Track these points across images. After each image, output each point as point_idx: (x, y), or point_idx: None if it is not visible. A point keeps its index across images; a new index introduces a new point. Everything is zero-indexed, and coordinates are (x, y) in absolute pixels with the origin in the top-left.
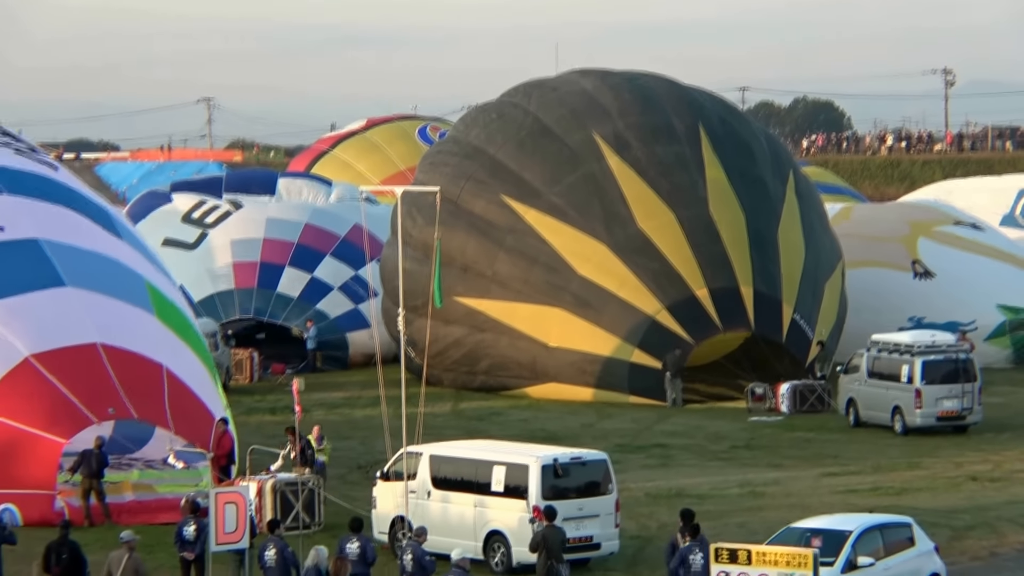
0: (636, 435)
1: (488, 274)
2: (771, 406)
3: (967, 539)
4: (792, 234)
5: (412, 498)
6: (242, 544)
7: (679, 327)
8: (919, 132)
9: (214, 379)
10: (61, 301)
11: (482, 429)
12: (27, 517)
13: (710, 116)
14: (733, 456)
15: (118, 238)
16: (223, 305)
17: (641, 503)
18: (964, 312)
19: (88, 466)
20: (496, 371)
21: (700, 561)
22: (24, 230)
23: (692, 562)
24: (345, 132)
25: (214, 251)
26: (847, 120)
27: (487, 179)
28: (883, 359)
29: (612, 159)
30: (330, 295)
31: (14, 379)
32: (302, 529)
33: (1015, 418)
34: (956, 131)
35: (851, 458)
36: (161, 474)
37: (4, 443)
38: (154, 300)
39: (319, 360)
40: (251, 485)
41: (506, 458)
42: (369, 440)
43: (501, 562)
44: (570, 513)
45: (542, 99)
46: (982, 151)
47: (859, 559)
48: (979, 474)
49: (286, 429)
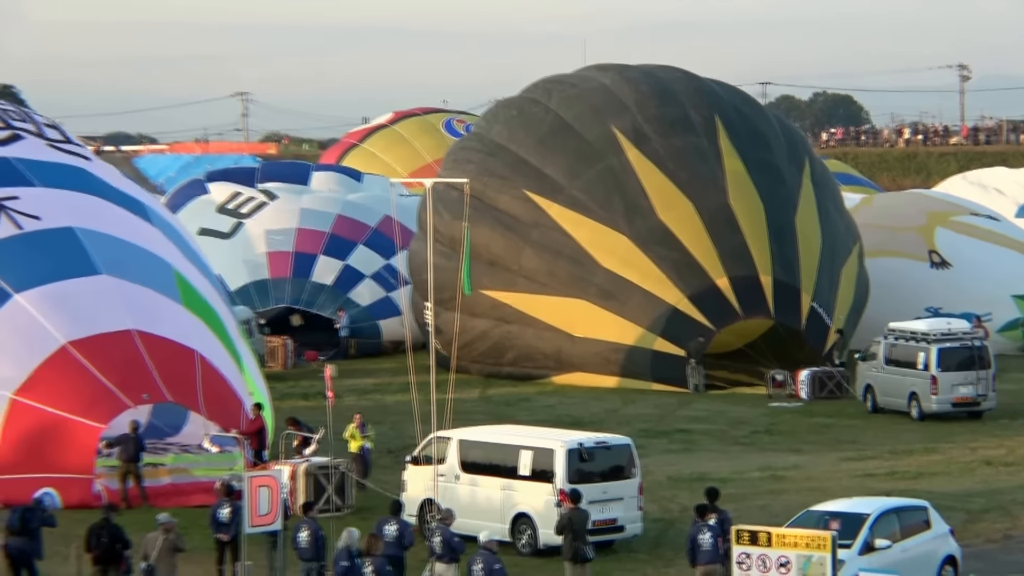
0: (659, 420)
1: (514, 268)
2: (791, 392)
3: (981, 522)
4: (809, 222)
5: (441, 481)
6: (275, 526)
7: (701, 315)
8: (935, 126)
9: (239, 367)
10: (96, 289)
11: (509, 414)
12: (66, 500)
13: (726, 107)
14: (754, 441)
15: (150, 225)
16: (258, 293)
17: (664, 487)
18: (980, 302)
19: (125, 450)
20: (522, 362)
21: (709, 540)
22: (59, 219)
23: (701, 541)
24: (373, 126)
25: (249, 240)
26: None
27: (510, 175)
28: (900, 347)
29: (631, 152)
30: (362, 283)
31: (51, 366)
32: (334, 512)
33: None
34: (971, 124)
35: (869, 443)
36: (197, 458)
37: (43, 429)
38: (181, 288)
39: (351, 347)
40: (284, 469)
41: (533, 443)
42: (400, 425)
43: (528, 544)
44: (595, 496)
45: (562, 95)
46: (997, 144)
47: (876, 541)
48: (993, 459)
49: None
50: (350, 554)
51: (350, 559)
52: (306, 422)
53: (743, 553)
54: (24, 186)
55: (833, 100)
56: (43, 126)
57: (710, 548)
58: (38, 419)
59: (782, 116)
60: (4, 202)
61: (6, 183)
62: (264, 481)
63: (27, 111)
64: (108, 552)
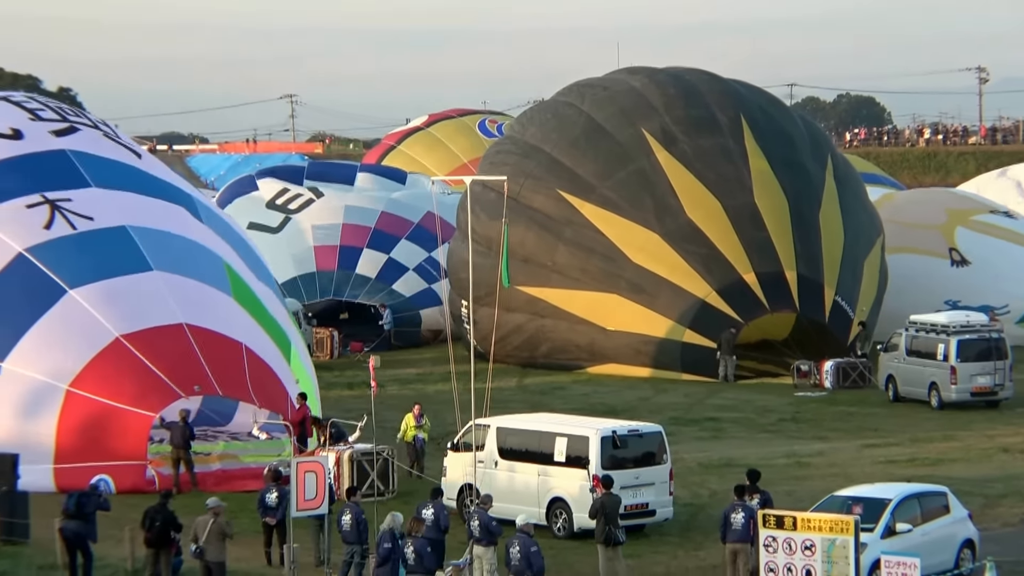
0: (689, 409)
1: (548, 264)
2: (816, 382)
3: (999, 507)
4: (832, 218)
5: (480, 467)
6: (321, 510)
7: (729, 308)
8: (954, 126)
9: (286, 356)
10: (148, 284)
11: (545, 403)
12: (120, 486)
13: (751, 107)
14: (780, 429)
15: (199, 221)
16: (305, 286)
17: (694, 472)
18: (997, 298)
19: (176, 437)
20: (556, 354)
21: (741, 520)
22: (112, 218)
23: (733, 520)
24: (409, 128)
25: (296, 235)
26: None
27: (544, 175)
28: (921, 338)
29: (660, 153)
30: (405, 275)
31: (105, 358)
32: (377, 496)
33: None
34: (989, 125)
35: (890, 431)
36: (246, 445)
37: (97, 418)
38: (232, 281)
39: (393, 338)
40: (330, 455)
41: (568, 430)
42: (440, 413)
43: (563, 527)
44: (627, 482)
45: (594, 98)
46: (1014, 144)
47: (898, 525)
48: (1010, 446)
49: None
50: (393, 536)
51: (392, 541)
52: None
53: (770, 536)
54: (79, 187)
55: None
56: (98, 123)
57: (741, 527)
58: (92, 409)
59: (806, 115)
60: (59, 204)
61: (62, 184)
62: (311, 467)
63: (82, 112)
64: (161, 536)
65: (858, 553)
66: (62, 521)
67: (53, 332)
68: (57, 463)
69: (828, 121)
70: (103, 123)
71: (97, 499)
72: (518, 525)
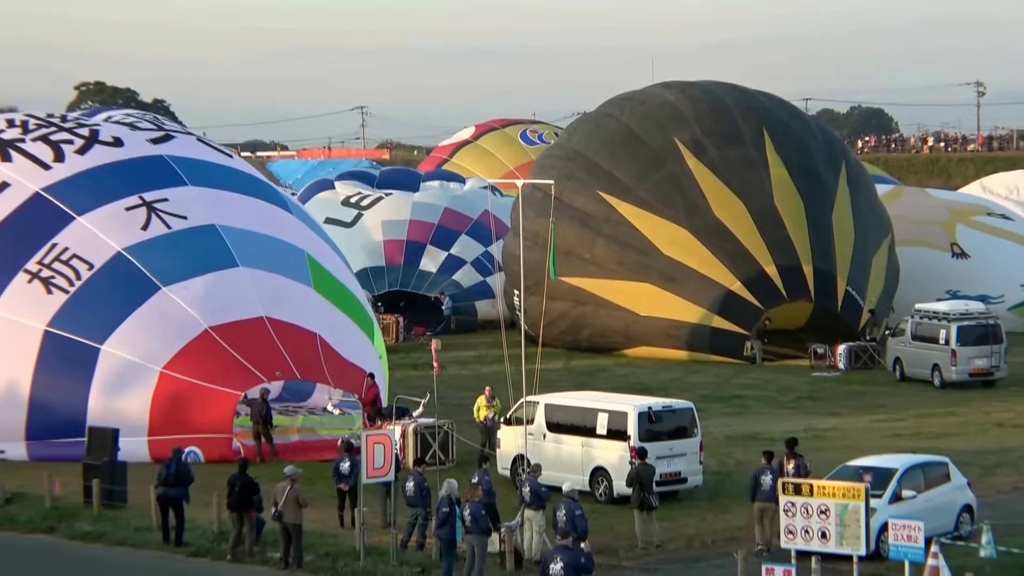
0: (717, 387)
1: (587, 257)
2: (830, 364)
3: (994, 476)
4: (844, 219)
5: (530, 440)
6: (388, 478)
7: (752, 298)
8: (955, 135)
9: (370, 336)
10: (234, 280)
11: (589, 382)
12: (208, 457)
13: (773, 120)
14: (799, 406)
15: (287, 212)
16: (374, 277)
17: (721, 444)
18: (993, 288)
19: (257, 413)
20: (596, 338)
21: (769, 482)
22: (203, 217)
23: (762, 482)
24: (458, 141)
25: (367, 230)
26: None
27: (586, 178)
28: (924, 325)
29: (691, 160)
30: (463, 269)
31: (196, 346)
32: (438, 465)
33: None
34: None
35: (897, 407)
36: (322, 419)
37: (188, 397)
38: (313, 273)
39: (453, 324)
40: (396, 429)
41: (609, 406)
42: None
43: (604, 493)
44: (661, 453)
45: (632, 110)
46: (1009, 151)
47: (904, 492)
48: (1004, 421)
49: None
50: (451, 501)
51: (450, 505)
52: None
53: (789, 502)
54: (176, 186)
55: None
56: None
57: (769, 488)
58: (183, 388)
59: (824, 124)
60: (155, 205)
61: (158, 184)
62: (379, 439)
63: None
64: (241, 500)
65: (868, 517)
66: (159, 487)
67: (148, 321)
68: (151, 436)
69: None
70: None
71: (186, 467)
72: (564, 491)
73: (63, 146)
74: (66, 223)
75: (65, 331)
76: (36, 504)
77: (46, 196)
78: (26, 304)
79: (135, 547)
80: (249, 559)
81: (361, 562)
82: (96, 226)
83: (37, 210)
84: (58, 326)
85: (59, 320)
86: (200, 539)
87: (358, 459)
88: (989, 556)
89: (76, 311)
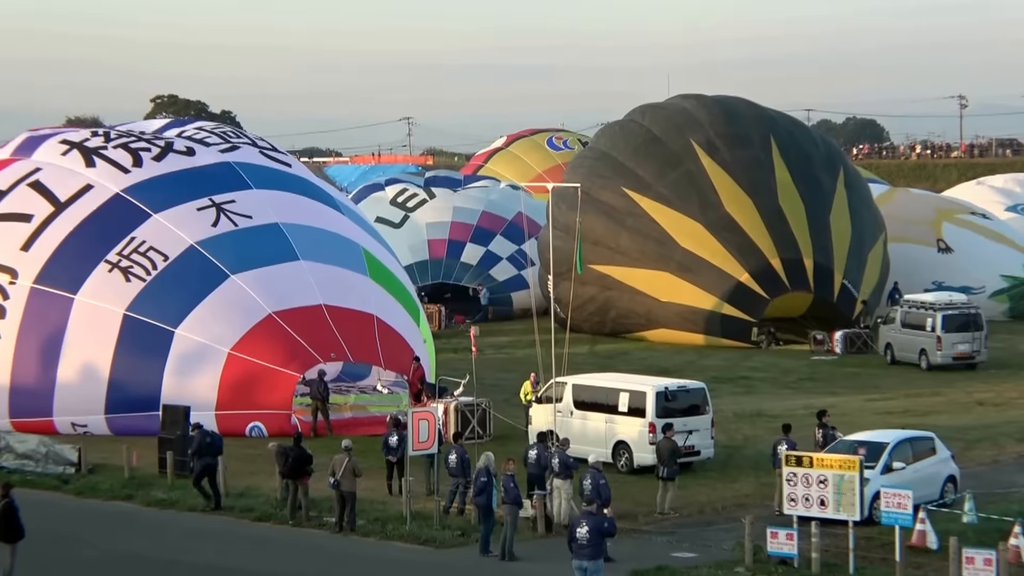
0: (726, 369)
1: (613, 247)
2: (828, 348)
3: (975, 449)
4: (841, 219)
5: (559, 416)
6: (432, 450)
7: (759, 288)
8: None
9: (417, 321)
10: (295, 272)
11: (611, 365)
12: (270, 431)
13: (779, 129)
14: (799, 386)
15: (340, 214)
16: (419, 271)
17: (730, 421)
18: (974, 279)
19: (314, 392)
20: (620, 320)
21: (784, 451)
22: (267, 216)
23: (779, 452)
24: (492, 149)
25: (414, 229)
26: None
27: (612, 176)
28: (913, 313)
29: (705, 160)
30: (499, 263)
31: (260, 329)
32: (477, 439)
33: (1012, 359)
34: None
35: (888, 388)
36: (372, 397)
37: (253, 376)
38: (368, 263)
39: (490, 313)
40: (439, 406)
41: (629, 386)
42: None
43: (625, 464)
44: (677, 428)
45: (653, 116)
46: (988, 157)
47: (894, 464)
48: (985, 400)
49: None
50: (488, 472)
51: (487, 475)
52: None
53: (791, 472)
54: (241, 189)
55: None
56: (255, 140)
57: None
58: (248, 368)
59: (823, 133)
60: (224, 206)
61: (227, 187)
62: (424, 415)
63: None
64: (294, 469)
65: (862, 487)
66: (195, 458)
67: (217, 307)
68: (219, 411)
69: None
70: (259, 139)
71: (204, 437)
72: (590, 462)
73: (141, 153)
74: (143, 219)
75: (142, 315)
76: (116, 474)
77: (125, 196)
78: (107, 291)
79: (204, 513)
80: (307, 523)
81: (407, 526)
82: (171, 222)
83: (117, 208)
84: (136, 311)
85: (137, 305)
86: (264, 505)
87: (405, 433)
88: (971, 521)
89: (152, 297)
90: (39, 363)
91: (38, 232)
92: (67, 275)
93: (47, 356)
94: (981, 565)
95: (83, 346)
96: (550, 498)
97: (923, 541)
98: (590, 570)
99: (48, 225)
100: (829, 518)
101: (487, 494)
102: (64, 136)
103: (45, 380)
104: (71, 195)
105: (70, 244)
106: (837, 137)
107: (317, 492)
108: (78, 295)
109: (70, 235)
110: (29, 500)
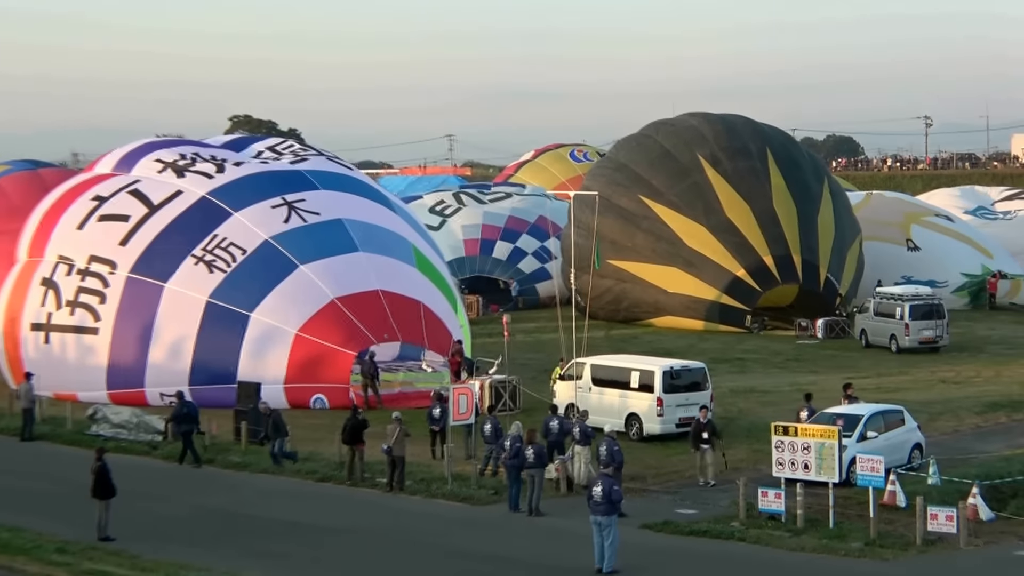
0: (723, 352)
1: (628, 245)
2: (811, 334)
3: (938, 421)
4: (826, 220)
5: (580, 391)
6: (470, 421)
7: (753, 281)
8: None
9: (456, 312)
10: (355, 262)
11: (624, 347)
12: (332, 403)
13: (774, 142)
14: (786, 366)
15: (394, 213)
16: (457, 266)
17: (727, 396)
18: (939, 275)
19: (365, 369)
20: (632, 308)
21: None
22: (332, 213)
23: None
24: (522, 160)
25: (450, 232)
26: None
27: (629, 184)
28: (884, 303)
29: (710, 171)
30: (526, 258)
31: (324, 313)
32: (508, 411)
33: (970, 343)
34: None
35: (863, 368)
36: (418, 375)
37: (317, 355)
38: (416, 257)
39: (520, 303)
40: (475, 383)
41: (640, 366)
42: (553, 354)
43: (636, 433)
44: (680, 402)
45: (665, 132)
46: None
47: (868, 433)
48: (947, 379)
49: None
50: (518, 439)
51: (517, 442)
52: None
53: (779, 440)
54: (310, 190)
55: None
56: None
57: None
58: (313, 348)
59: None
60: (295, 204)
61: (297, 189)
62: (463, 390)
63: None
64: (352, 436)
65: (840, 453)
66: (172, 424)
67: (287, 294)
68: (287, 384)
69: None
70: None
71: (184, 408)
72: (606, 431)
73: (224, 163)
74: (225, 218)
75: (222, 302)
76: (198, 441)
77: (210, 199)
78: (192, 281)
79: (274, 474)
80: (362, 483)
81: (448, 486)
82: (248, 220)
83: (202, 209)
84: (217, 298)
85: (218, 293)
86: (324, 467)
87: (447, 406)
88: (934, 484)
89: (231, 286)
90: (134, 343)
91: (134, 230)
92: (159, 267)
93: (141, 336)
94: (943, 521)
95: (171, 328)
96: (571, 462)
97: (893, 500)
98: (604, 524)
99: (143, 224)
100: (812, 480)
101: (519, 458)
102: (158, 156)
103: (138, 357)
104: (163, 199)
105: (161, 240)
106: (819, 152)
107: (371, 457)
108: (168, 284)
109: (161, 232)
110: (123, 464)
